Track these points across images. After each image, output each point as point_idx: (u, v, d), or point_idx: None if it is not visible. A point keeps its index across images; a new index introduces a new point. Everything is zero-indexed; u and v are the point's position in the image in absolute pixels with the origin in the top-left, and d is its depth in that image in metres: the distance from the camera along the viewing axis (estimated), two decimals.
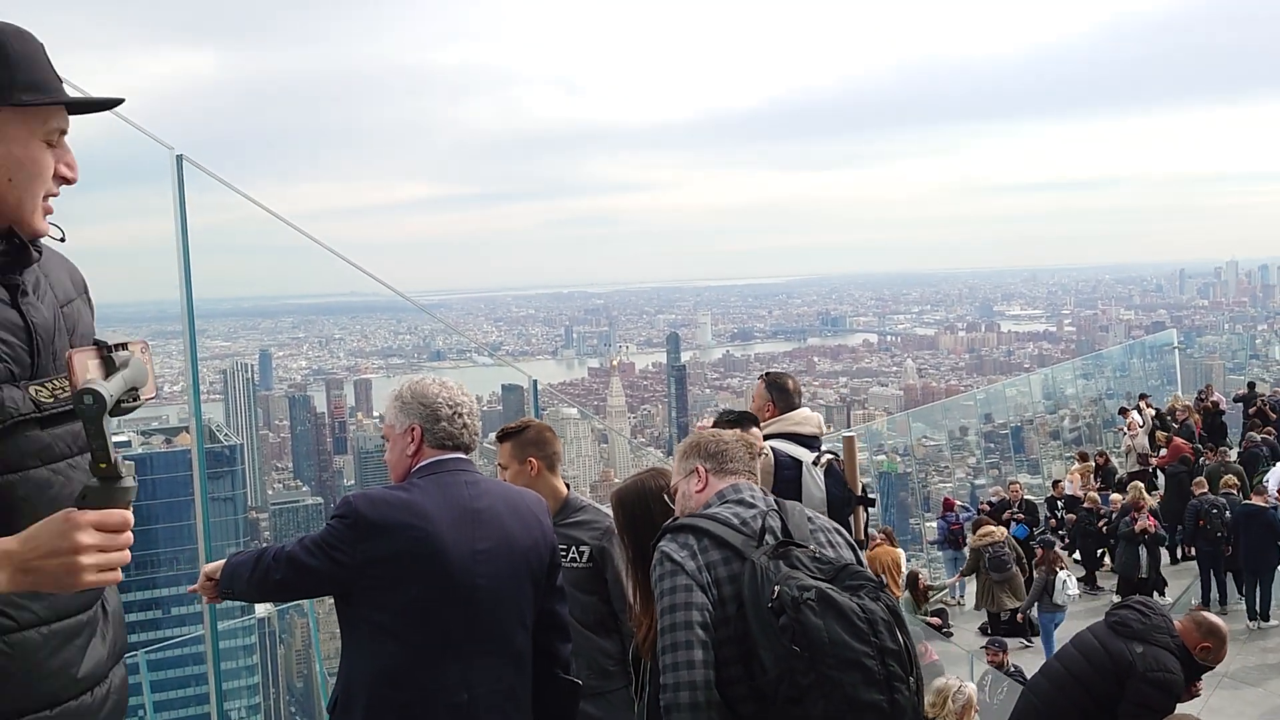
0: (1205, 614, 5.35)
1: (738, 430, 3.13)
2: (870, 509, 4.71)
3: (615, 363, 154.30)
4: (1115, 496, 15.68)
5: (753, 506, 2.81)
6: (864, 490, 4.62)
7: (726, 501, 2.84)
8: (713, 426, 4.21)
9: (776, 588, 2.51)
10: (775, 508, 2.83)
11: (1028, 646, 12.54)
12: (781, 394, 5.20)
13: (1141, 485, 14.77)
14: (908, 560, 14.58)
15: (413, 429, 2.97)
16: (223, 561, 3.00)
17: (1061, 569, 12.68)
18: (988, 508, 16.26)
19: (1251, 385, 21.49)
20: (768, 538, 2.70)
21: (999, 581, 13.15)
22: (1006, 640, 11.35)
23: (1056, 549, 14.11)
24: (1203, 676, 5.04)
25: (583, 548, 4.04)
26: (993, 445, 24.35)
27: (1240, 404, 20.51)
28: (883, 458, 21.83)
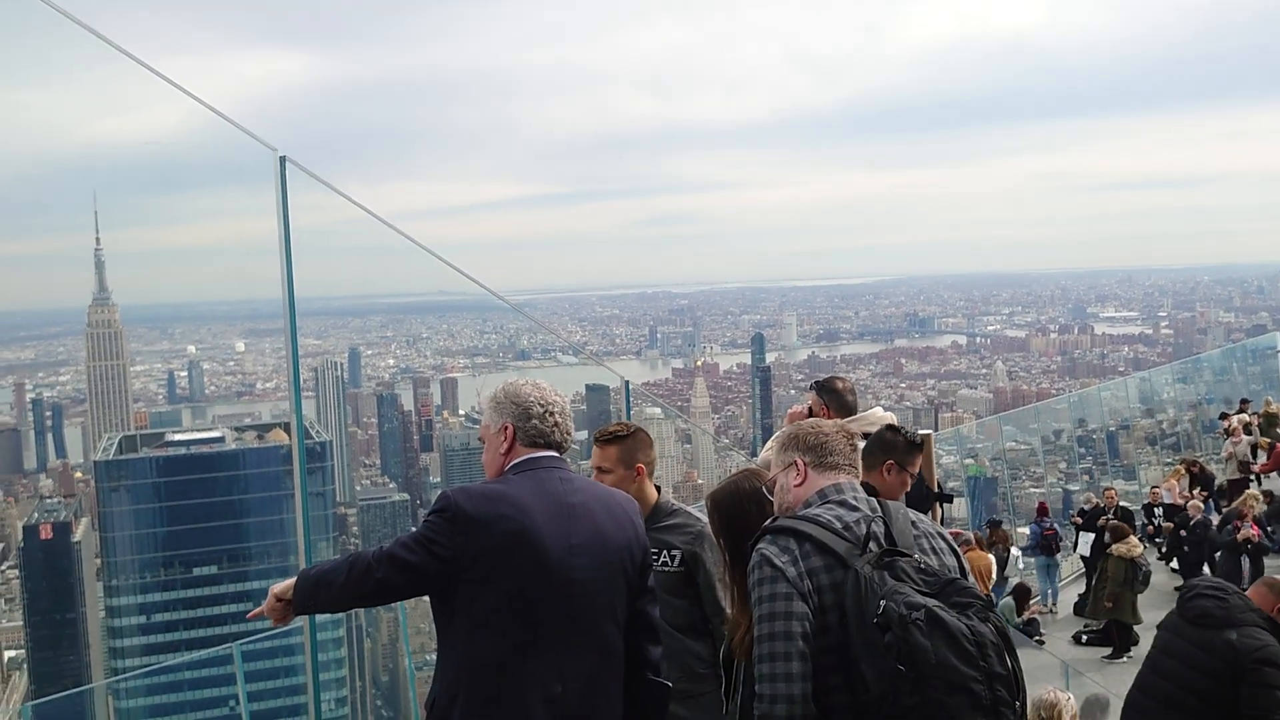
0: (1273, 577, 5.21)
1: (837, 420, 3.06)
2: (948, 504, 4.66)
3: (700, 363, 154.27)
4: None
5: (856, 510, 2.74)
6: (940, 487, 4.56)
7: (828, 501, 2.78)
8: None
9: (882, 602, 2.45)
10: (879, 510, 2.76)
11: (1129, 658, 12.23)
12: (833, 396, 5.17)
13: (1256, 493, 14.44)
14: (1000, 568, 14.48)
15: (506, 427, 3.01)
16: (292, 581, 3.00)
17: (1013, 547, 13.29)
18: (1080, 518, 15.90)
19: None
20: (871, 545, 2.64)
21: (1136, 594, 12.81)
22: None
23: (1003, 527, 14.18)
24: None
25: (674, 551, 4.04)
26: (1085, 450, 23.81)
27: None
28: (970, 461, 21.50)
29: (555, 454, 3.04)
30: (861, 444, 4.80)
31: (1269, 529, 14.44)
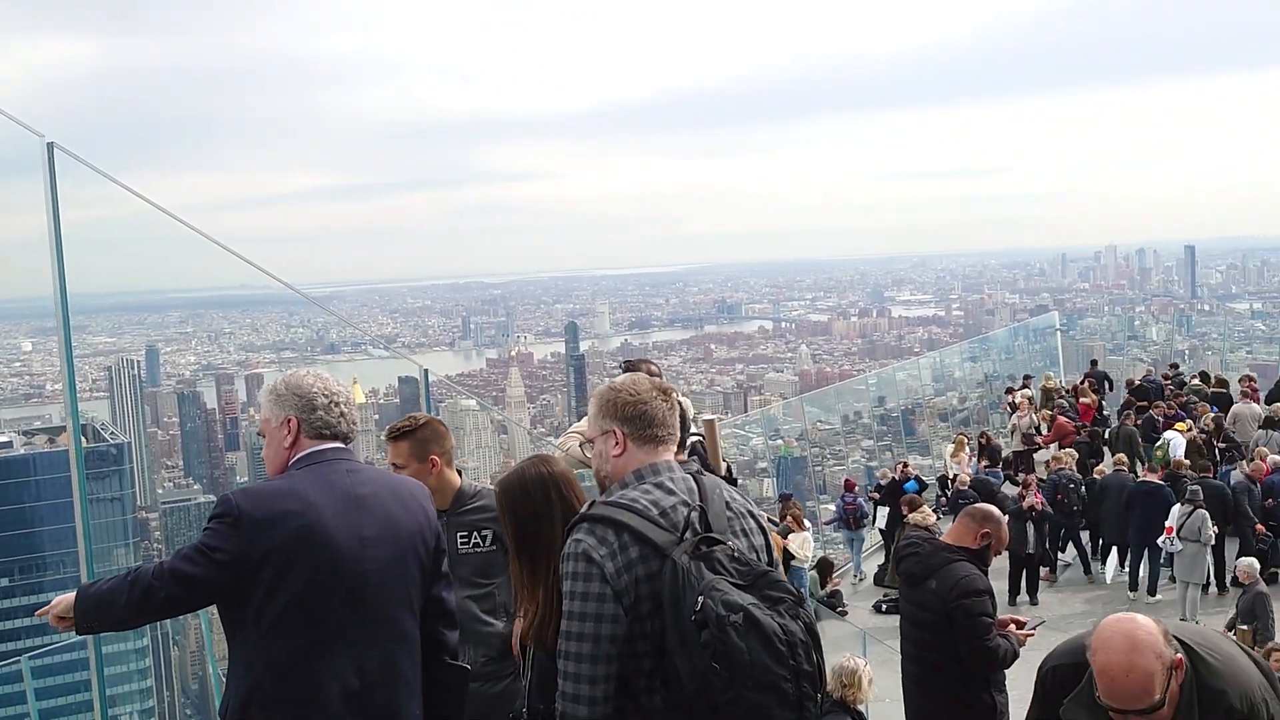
0: (973, 506, 5.57)
1: (658, 381, 2.97)
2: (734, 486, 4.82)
3: (514, 353, 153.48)
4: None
5: (673, 494, 2.70)
6: (729, 470, 4.71)
7: (645, 483, 2.73)
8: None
9: (700, 598, 2.48)
10: (696, 493, 2.73)
11: None
12: None
13: (1072, 452, 15.48)
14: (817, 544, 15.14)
15: (289, 420, 2.94)
16: (72, 596, 2.84)
17: (805, 521, 13.95)
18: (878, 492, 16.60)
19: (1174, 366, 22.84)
20: (688, 533, 2.62)
21: None
22: None
23: (793, 501, 14.89)
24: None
25: (485, 531, 4.06)
26: (885, 428, 24.82)
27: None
28: (779, 442, 22.13)
29: (341, 445, 2.97)
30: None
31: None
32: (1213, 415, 17.38)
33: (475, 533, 4.07)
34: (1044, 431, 18.42)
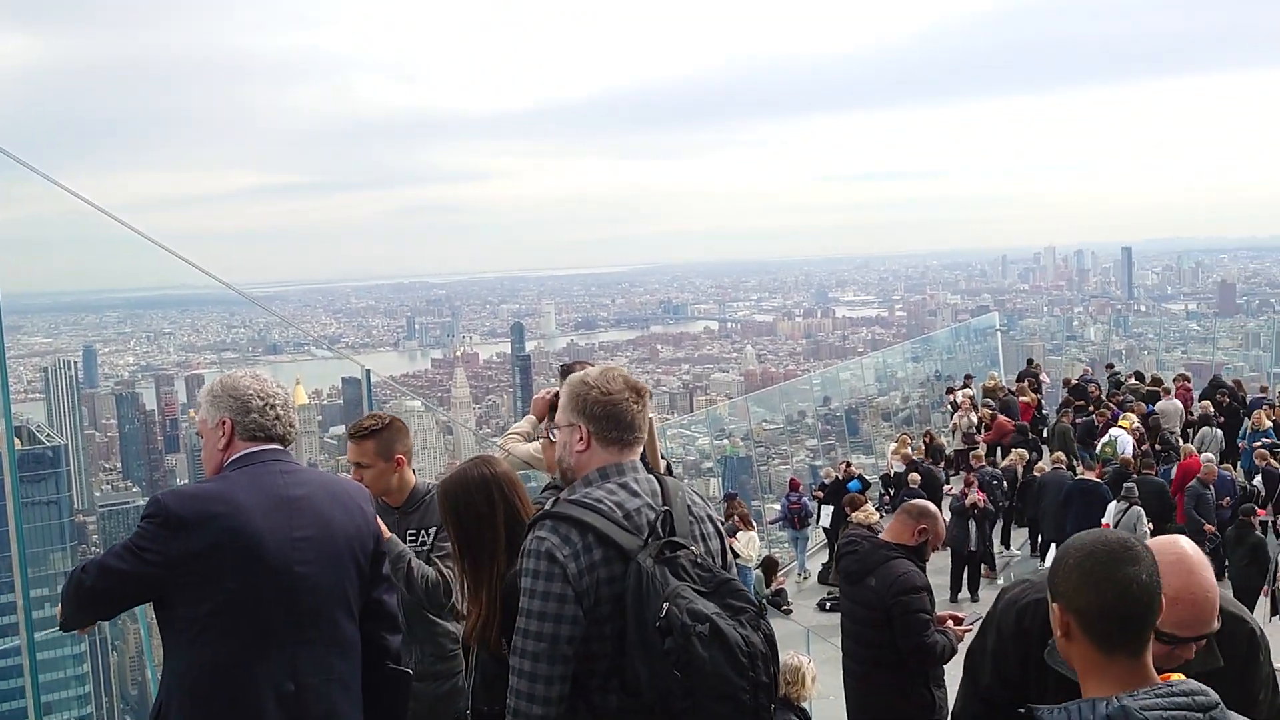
0: (909, 503, 5.65)
1: (625, 376, 2.86)
2: None
3: (459, 353, 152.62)
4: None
5: (638, 495, 2.68)
6: (668, 468, 4.73)
7: (610, 482, 2.69)
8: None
9: (665, 605, 2.46)
10: (659, 493, 2.72)
11: None
12: None
13: (1023, 453, 15.79)
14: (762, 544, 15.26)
15: (224, 422, 2.93)
16: None
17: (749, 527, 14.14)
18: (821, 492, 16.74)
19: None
20: (653, 536, 2.60)
21: None
22: None
23: (738, 501, 15.09)
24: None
25: (433, 529, 4.06)
26: (829, 427, 24.99)
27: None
28: (725, 442, 22.21)
29: (277, 447, 2.96)
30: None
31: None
32: (1148, 414, 17.72)
33: (424, 531, 4.07)
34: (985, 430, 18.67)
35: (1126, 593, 2.05)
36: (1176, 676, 2.11)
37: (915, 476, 15.79)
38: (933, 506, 5.51)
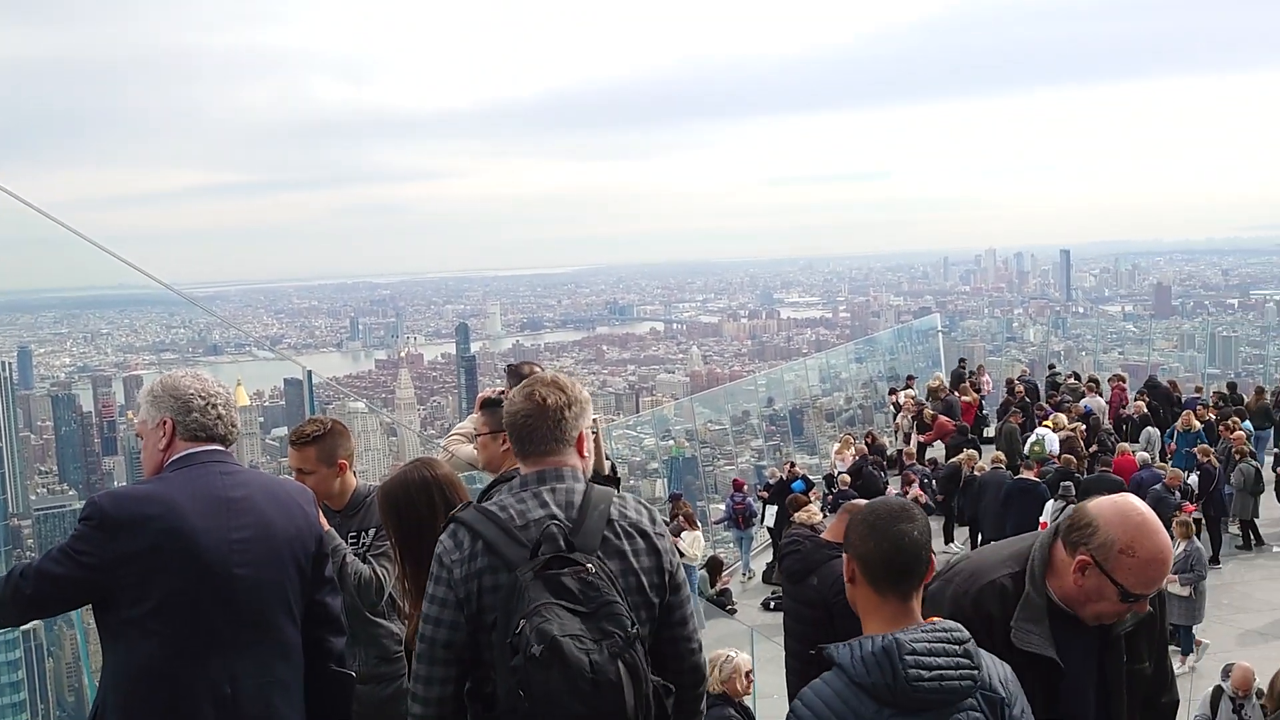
0: (850, 501, 5.72)
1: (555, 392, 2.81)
2: (617, 487, 4.77)
3: (403, 354, 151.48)
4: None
5: (546, 506, 2.63)
6: (612, 468, 4.74)
7: (527, 490, 2.68)
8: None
9: (521, 622, 2.43)
10: (575, 504, 2.64)
11: None
12: (521, 381, 5.29)
13: (974, 454, 15.94)
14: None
15: (164, 422, 2.91)
16: None
17: (694, 527, 14.27)
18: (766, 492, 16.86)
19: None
20: (545, 548, 2.54)
21: None
22: None
23: (683, 501, 15.24)
24: None
25: (375, 530, 4.04)
26: (774, 428, 25.14)
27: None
28: (671, 443, 22.28)
29: (219, 448, 2.93)
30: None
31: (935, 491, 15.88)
32: (1087, 414, 18.05)
33: (364, 533, 4.05)
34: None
35: (900, 545, 2.47)
36: (935, 619, 2.47)
37: (845, 478, 15.98)
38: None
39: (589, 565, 2.53)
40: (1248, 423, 17.32)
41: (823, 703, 2.40)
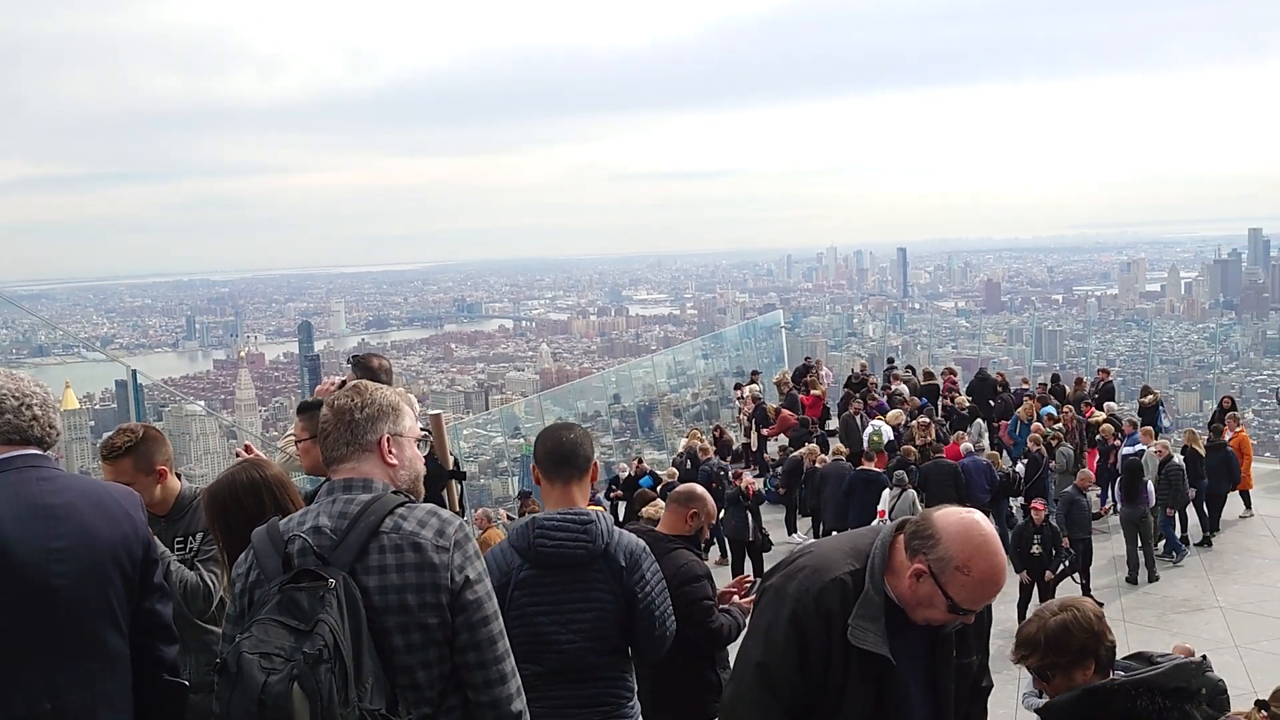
0: (675, 491, 5.88)
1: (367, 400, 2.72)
2: (463, 483, 4.77)
3: (243, 354, 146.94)
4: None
5: (319, 517, 2.56)
6: (455, 464, 4.77)
7: (326, 499, 2.62)
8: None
9: (238, 636, 2.44)
10: (349, 514, 2.54)
11: None
12: (366, 372, 5.28)
13: (815, 448, 16.25)
14: None
15: None
16: None
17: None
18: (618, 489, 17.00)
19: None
20: (296, 561, 2.50)
21: None
22: None
23: (533, 499, 15.45)
24: None
25: (201, 534, 3.97)
26: (624, 424, 25.33)
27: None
28: (521, 440, 22.24)
29: (35, 451, 2.79)
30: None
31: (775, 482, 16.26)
32: (922, 406, 18.76)
33: (191, 538, 3.98)
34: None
35: (560, 444, 3.71)
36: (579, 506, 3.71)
37: (673, 471, 16.27)
38: (698, 487, 5.68)
39: (330, 581, 2.43)
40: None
41: (492, 556, 3.50)
